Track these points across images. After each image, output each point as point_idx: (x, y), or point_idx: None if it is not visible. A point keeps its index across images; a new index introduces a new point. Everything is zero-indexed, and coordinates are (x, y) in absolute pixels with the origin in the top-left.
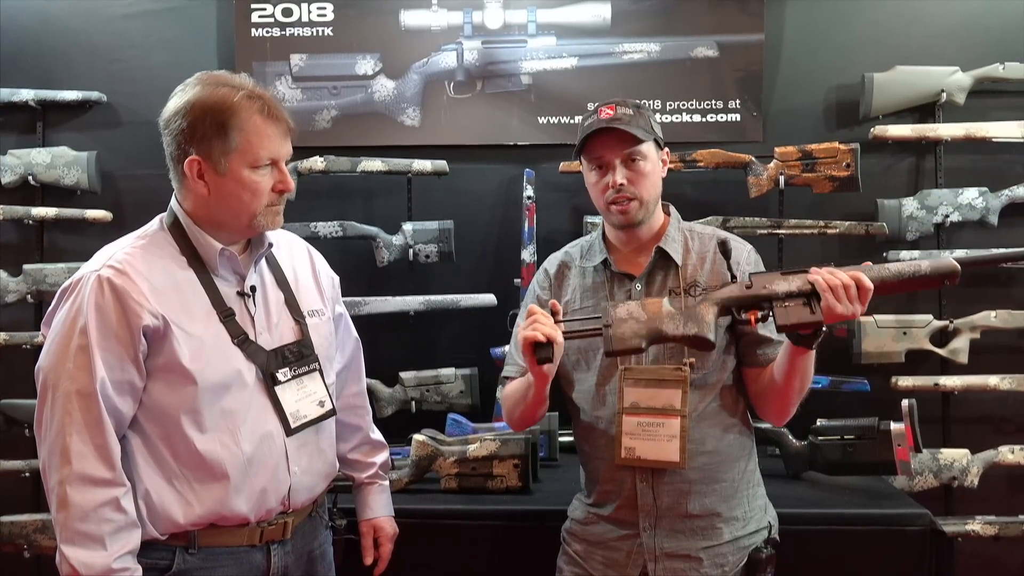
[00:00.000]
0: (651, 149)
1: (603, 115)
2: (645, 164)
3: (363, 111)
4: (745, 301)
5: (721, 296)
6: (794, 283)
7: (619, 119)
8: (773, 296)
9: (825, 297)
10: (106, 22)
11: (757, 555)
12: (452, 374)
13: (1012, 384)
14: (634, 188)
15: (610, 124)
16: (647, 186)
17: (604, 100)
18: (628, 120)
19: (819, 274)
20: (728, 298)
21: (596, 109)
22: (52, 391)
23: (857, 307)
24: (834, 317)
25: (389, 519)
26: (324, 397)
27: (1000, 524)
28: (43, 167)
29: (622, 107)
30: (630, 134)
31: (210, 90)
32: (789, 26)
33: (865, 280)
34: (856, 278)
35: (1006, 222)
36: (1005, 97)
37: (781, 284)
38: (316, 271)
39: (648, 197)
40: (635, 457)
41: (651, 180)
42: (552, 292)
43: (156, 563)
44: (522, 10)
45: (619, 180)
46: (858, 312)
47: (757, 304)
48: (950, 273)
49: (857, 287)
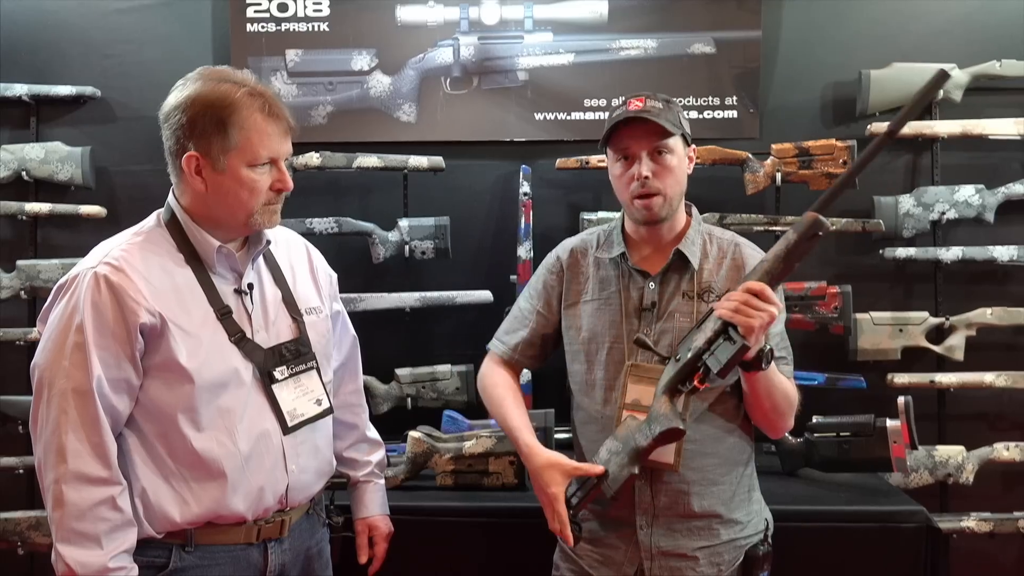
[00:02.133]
0: (678, 144)
1: (632, 106)
2: (671, 158)
3: (359, 107)
4: (682, 373)
5: (664, 385)
6: (708, 329)
7: (648, 111)
8: (699, 352)
9: (736, 320)
10: (100, 17)
11: (754, 553)
12: (448, 371)
13: (1008, 381)
14: (659, 182)
15: (639, 115)
16: (672, 181)
17: (632, 94)
18: (657, 112)
19: (720, 307)
20: (668, 381)
21: (625, 101)
22: (48, 389)
23: (769, 308)
24: (756, 331)
25: (384, 518)
26: (321, 395)
27: (995, 521)
28: (37, 162)
29: (652, 100)
30: (659, 126)
31: (211, 86)
32: (786, 23)
33: (754, 284)
34: (747, 288)
35: (1002, 219)
36: (1002, 94)
37: (699, 337)
38: (314, 268)
39: (672, 193)
40: None
41: (676, 175)
42: (564, 280)
43: (152, 561)
44: (519, 6)
45: (644, 172)
46: (773, 312)
47: (693, 369)
48: (813, 226)
49: (754, 294)
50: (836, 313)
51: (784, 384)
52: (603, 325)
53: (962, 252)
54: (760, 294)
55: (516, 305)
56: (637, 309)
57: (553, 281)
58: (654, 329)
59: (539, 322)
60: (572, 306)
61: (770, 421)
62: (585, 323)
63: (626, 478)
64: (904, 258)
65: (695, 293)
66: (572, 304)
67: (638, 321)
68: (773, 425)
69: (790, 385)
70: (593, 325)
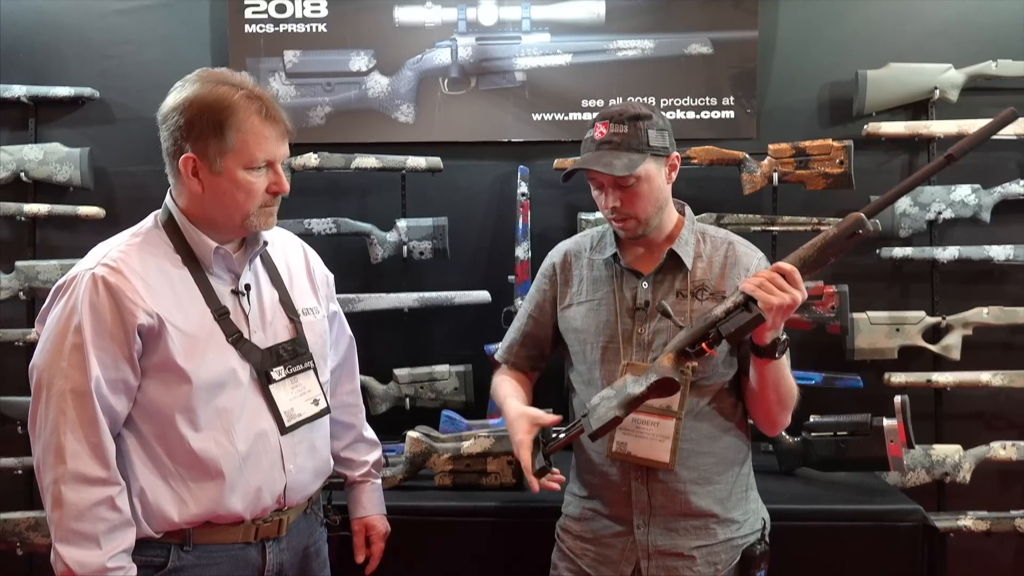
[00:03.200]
0: (649, 166)
1: (598, 134)
2: (640, 185)
3: (357, 107)
4: (694, 336)
5: (674, 344)
6: (728, 301)
7: (609, 142)
8: (715, 320)
9: (757, 295)
10: (99, 17)
11: (751, 552)
12: (446, 371)
13: (1004, 380)
14: (629, 209)
15: (598, 151)
16: (643, 205)
17: (600, 114)
18: (619, 142)
19: (746, 283)
20: (679, 342)
21: (593, 123)
22: (47, 389)
23: (793, 292)
24: (776, 311)
25: (381, 517)
26: (318, 395)
27: (992, 520)
28: (35, 163)
29: (616, 124)
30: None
31: (209, 88)
32: (783, 23)
33: (784, 265)
34: (777, 268)
35: (999, 219)
36: (998, 94)
37: (719, 308)
38: (311, 269)
39: (645, 215)
40: (626, 452)
41: (648, 198)
42: (558, 284)
43: (151, 561)
44: (516, 6)
45: (611, 204)
46: (797, 297)
47: (704, 334)
48: (857, 225)
49: (782, 275)
50: (833, 313)
51: (791, 378)
52: (598, 325)
53: (958, 252)
54: (788, 275)
55: (519, 313)
56: (631, 309)
57: (546, 285)
58: (648, 328)
59: (529, 324)
60: (567, 308)
61: (771, 415)
62: (580, 324)
63: (609, 419)
64: (901, 258)
65: (689, 292)
66: (567, 306)
67: (632, 321)
68: (774, 420)
69: (793, 381)
70: (588, 326)
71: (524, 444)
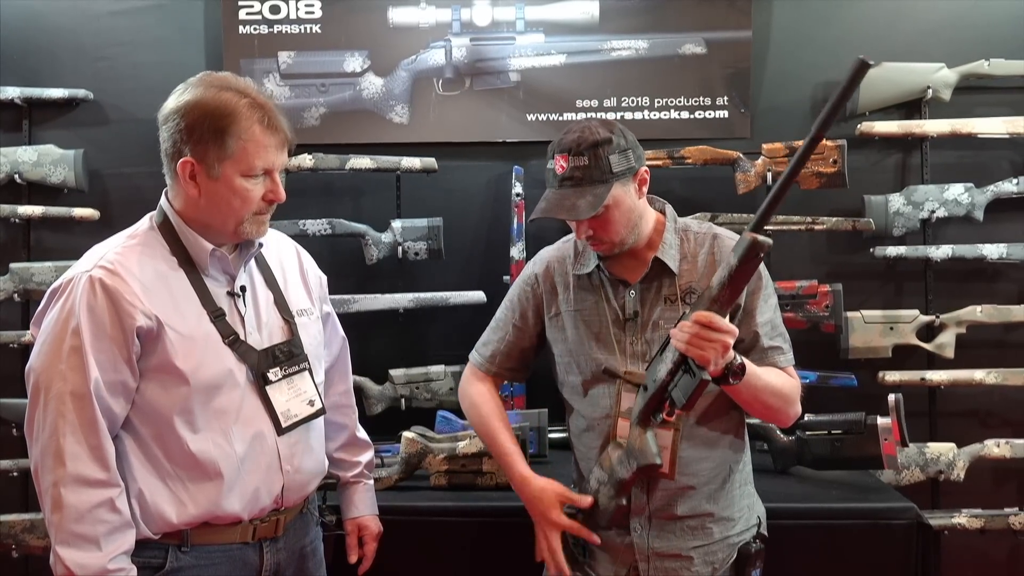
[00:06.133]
0: (615, 193)
1: (558, 167)
2: (609, 214)
3: (352, 108)
4: (650, 406)
5: (635, 415)
6: (668, 359)
7: (570, 178)
8: (664, 385)
9: (690, 355)
10: (93, 19)
11: (746, 550)
12: (442, 371)
13: (997, 378)
14: (603, 235)
15: (561, 189)
16: (615, 230)
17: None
18: (581, 177)
19: (675, 338)
20: (639, 412)
21: (553, 154)
22: (45, 392)
23: (721, 338)
24: (712, 361)
25: (374, 518)
26: (314, 396)
27: (986, 517)
28: (29, 165)
29: (575, 156)
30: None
31: (212, 93)
32: (776, 23)
33: (701, 315)
34: (695, 320)
35: (991, 217)
36: (990, 93)
37: (661, 369)
38: (304, 271)
39: (618, 238)
40: None
41: (620, 222)
42: (541, 293)
43: (149, 561)
44: (510, 7)
45: (583, 235)
46: (726, 340)
47: (659, 401)
48: (752, 247)
49: (703, 325)
50: (827, 311)
51: (771, 383)
52: (589, 336)
53: (952, 250)
54: (709, 324)
55: (495, 315)
56: (619, 320)
57: (528, 294)
58: (640, 340)
59: (515, 335)
60: (555, 317)
61: (771, 418)
62: (571, 335)
63: (614, 509)
64: (894, 256)
65: (678, 296)
66: (555, 315)
67: (622, 332)
68: (774, 420)
69: (781, 378)
70: (579, 337)
71: (557, 530)
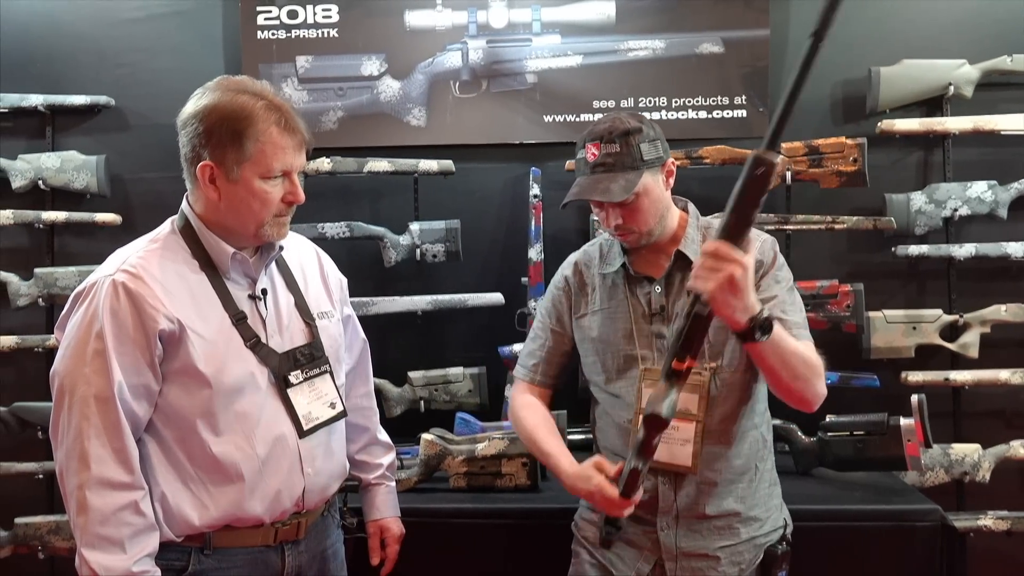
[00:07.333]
0: (646, 179)
1: (590, 155)
2: (639, 201)
3: (369, 112)
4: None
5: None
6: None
7: (603, 164)
8: (680, 331)
9: (695, 288)
10: (112, 26)
11: (773, 551)
12: (460, 373)
13: (1023, 378)
14: (631, 224)
15: (593, 174)
16: (645, 219)
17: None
18: (613, 163)
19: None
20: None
21: (584, 143)
22: (69, 395)
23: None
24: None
25: (396, 520)
26: (335, 399)
27: (1012, 519)
28: (53, 171)
29: (607, 144)
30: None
31: (229, 96)
32: (794, 21)
33: (708, 245)
34: (703, 251)
35: (1015, 215)
36: (1013, 90)
37: (679, 319)
38: (324, 273)
39: (647, 227)
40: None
41: (650, 212)
42: (572, 294)
43: (172, 564)
44: (526, 9)
45: (613, 223)
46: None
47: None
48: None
49: (709, 254)
50: (849, 311)
51: (797, 348)
52: (615, 334)
53: (975, 249)
54: (715, 253)
55: (532, 327)
56: (646, 315)
57: (561, 297)
58: (668, 331)
59: (555, 340)
60: (583, 317)
61: (795, 392)
62: (597, 333)
63: (628, 473)
64: (917, 255)
65: None
66: (582, 316)
67: (650, 326)
68: (800, 396)
69: (807, 349)
70: (605, 335)
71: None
